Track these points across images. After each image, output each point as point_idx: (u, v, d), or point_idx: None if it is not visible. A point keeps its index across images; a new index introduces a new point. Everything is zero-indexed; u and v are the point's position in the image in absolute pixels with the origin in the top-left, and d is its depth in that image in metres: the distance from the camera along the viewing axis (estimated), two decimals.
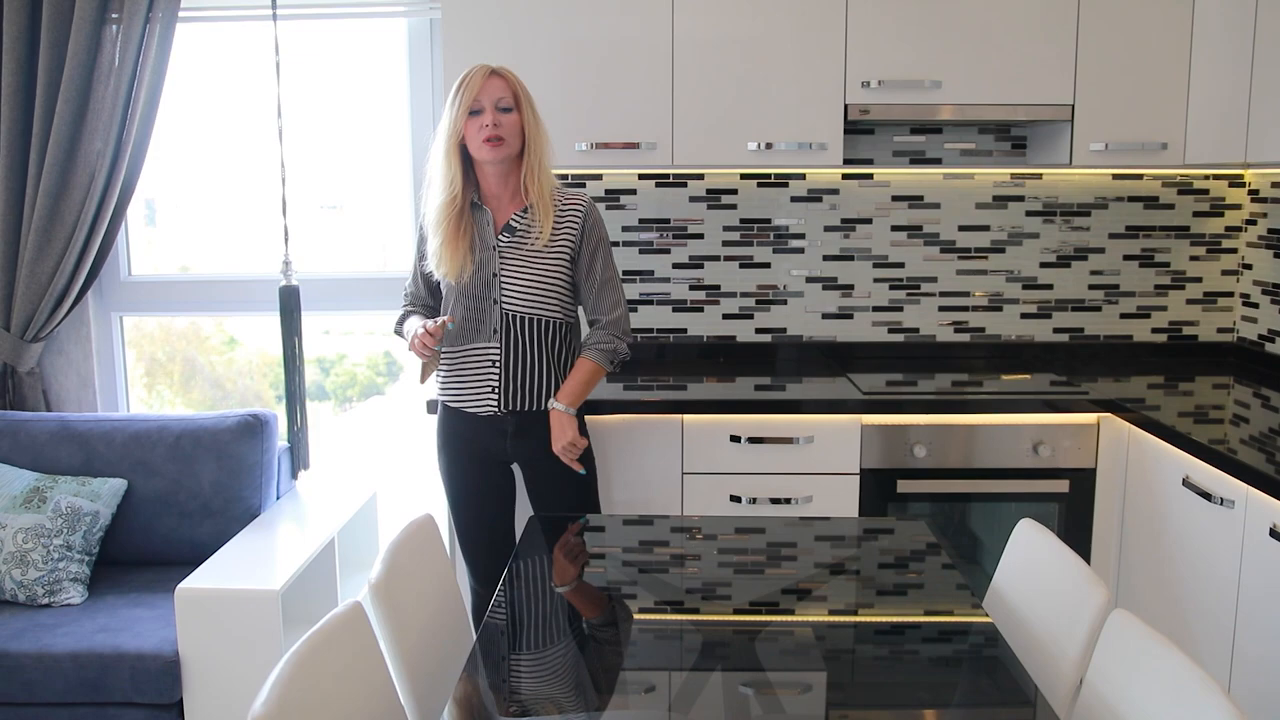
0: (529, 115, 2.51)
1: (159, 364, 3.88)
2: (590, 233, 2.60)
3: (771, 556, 2.24)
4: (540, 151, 2.53)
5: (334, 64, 3.50)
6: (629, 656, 1.77)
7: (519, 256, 2.56)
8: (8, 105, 3.24)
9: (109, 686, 2.65)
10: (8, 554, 2.90)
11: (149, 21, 3.20)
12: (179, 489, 3.14)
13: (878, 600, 2.03)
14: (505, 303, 2.56)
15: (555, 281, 2.57)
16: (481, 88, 2.47)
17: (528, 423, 2.61)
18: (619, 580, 2.14)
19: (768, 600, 2.00)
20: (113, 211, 3.34)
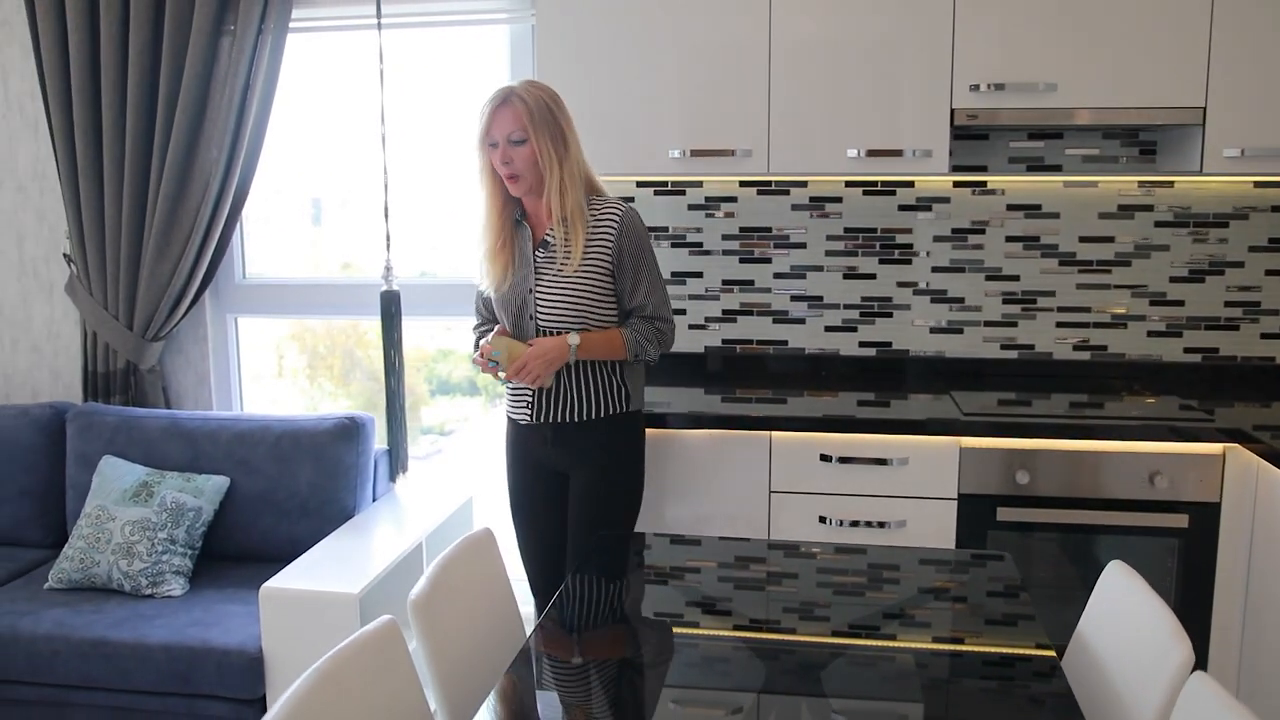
0: (543, 144, 2.43)
1: (320, 358, 4.00)
2: (627, 244, 2.51)
3: (873, 580, 2.13)
4: (561, 175, 2.45)
5: (437, 71, 3.53)
6: (721, 676, 1.72)
7: (553, 273, 2.52)
8: (132, 115, 3.38)
9: (197, 679, 2.72)
10: (115, 545, 3.02)
11: (261, 32, 3.30)
12: (278, 488, 3.22)
13: (985, 630, 1.90)
14: (539, 317, 2.53)
15: (589, 297, 2.51)
16: (491, 121, 2.45)
17: (565, 434, 2.58)
18: (713, 597, 2.07)
19: (867, 624, 1.92)
20: (226, 216, 3.45)
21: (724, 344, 3.43)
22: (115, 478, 3.18)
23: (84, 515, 3.12)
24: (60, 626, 2.81)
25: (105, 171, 3.44)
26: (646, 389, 3.16)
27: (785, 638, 1.88)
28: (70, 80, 3.41)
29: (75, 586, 3.04)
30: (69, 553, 3.06)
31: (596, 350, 2.52)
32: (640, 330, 2.56)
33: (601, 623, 2.01)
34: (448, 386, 3.99)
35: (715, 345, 3.43)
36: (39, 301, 3.75)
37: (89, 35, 3.38)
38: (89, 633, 2.78)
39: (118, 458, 3.27)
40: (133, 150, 3.41)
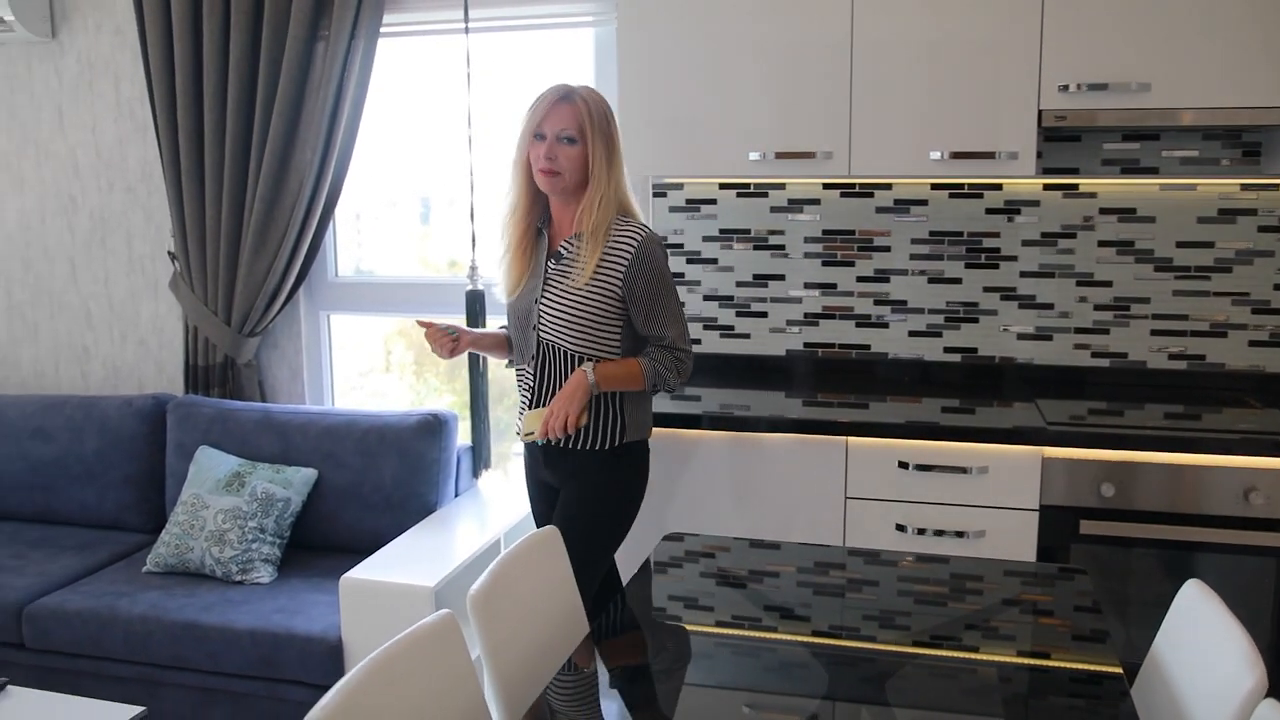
0: (596, 149, 2.39)
1: (427, 353, 4.08)
2: (641, 272, 2.41)
3: (955, 590, 2.10)
4: (604, 187, 2.40)
5: (525, 75, 3.57)
6: (798, 682, 1.72)
7: (561, 287, 2.46)
8: (232, 118, 3.51)
9: (280, 663, 2.81)
10: (209, 532, 3.14)
11: (353, 38, 3.38)
12: (363, 481, 3.30)
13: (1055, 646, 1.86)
14: (541, 329, 2.49)
15: (593, 317, 2.44)
16: (547, 114, 2.40)
17: (553, 457, 2.54)
18: (790, 602, 2.07)
19: (949, 634, 1.89)
20: (319, 216, 3.56)
21: (805, 348, 3.40)
22: (210, 467, 3.30)
23: (180, 503, 3.25)
24: (155, 609, 2.93)
25: (207, 173, 3.58)
26: (726, 390, 3.17)
27: (864, 645, 1.86)
28: (175, 85, 3.55)
29: (170, 571, 3.17)
30: (165, 538, 3.19)
31: (614, 382, 2.45)
32: (660, 360, 2.47)
33: (665, 625, 2.01)
34: None
35: (797, 349, 3.41)
36: (146, 297, 3.91)
37: (193, 42, 3.51)
38: (181, 615, 2.90)
39: (213, 448, 3.39)
40: (232, 152, 3.53)
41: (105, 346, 3.98)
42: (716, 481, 2.90)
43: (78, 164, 3.89)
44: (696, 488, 2.91)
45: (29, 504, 3.61)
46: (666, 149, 3.07)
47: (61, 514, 3.59)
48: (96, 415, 3.57)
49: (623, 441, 2.52)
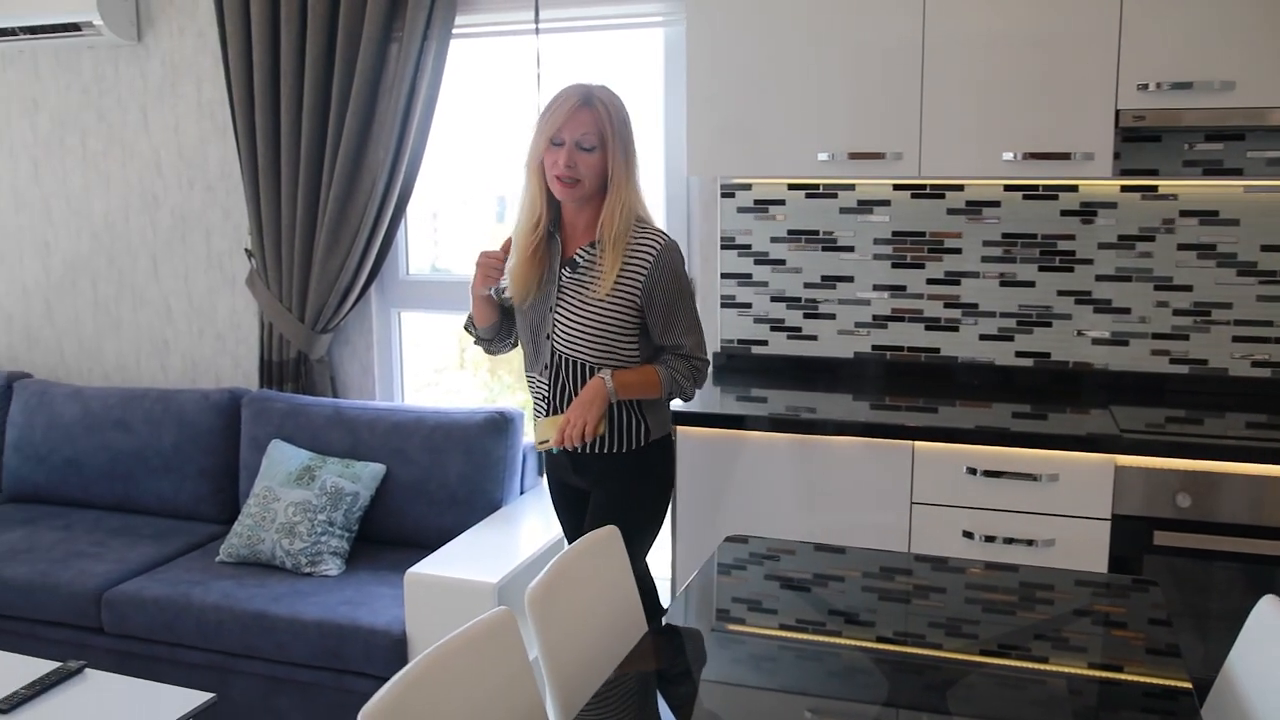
0: (615, 156, 2.34)
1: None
2: (660, 280, 2.39)
3: (1024, 598, 2.07)
4: (623, 194, 2.35)
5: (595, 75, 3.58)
6: (862, 689, 1.71)
7: (577, 297, 2.42)
8: (308, 119, 3.57)
9: (346, 655, 2.86)
10: (279, 525, 3.20)
11: (426, 39, 3.42)
12: (430, 478, 3.34)
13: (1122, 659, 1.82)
14: (556, 339, 2.45)
15: (611, 326, 2.41)
16: (566, 120, 2.32)
17: (583, 464, 2.53)
18: (854, 606, 2.05)
19: (1017, 644, 1.86)
20: (391, 215, 3.61)
21: (873, 350, 3.36)
22: (282, 461, 3.37)
23: (252, 495, 3.32)
24: (226, 598, 3.00)
25: (282, 172, 3.65)
26: (792, 392, 3.15)
27: (929, 652, 1.84)
28: (253, 87, 3.63)
29: (242, 561, 3.24)
30: (238, 529, 3.27)
31: (632, 390, 2.43)
32: (677, 368, 2.46)
33: (723, 628, 2.00)
34: None
35: (865, 351, 3.37)
36: (223, 293, 4.01)
37: (270, 45, 3.59)
38: (251, 605, 2.96)
39: (285, 442, 3.46)
40: (307, 152, 3.60)
41: (184, 340, 4.09)
42: (780, 484, 2.88)
43: (160, 163, 3.99)
44: (760, 490, 2.89)
45: (110, 493, 3.72)
46: (735, 150, 3.06)
47: (140, 503, 3.70)
48: (174, 408, 3.66)
49: (648, 441, 2.52)
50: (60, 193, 4.15)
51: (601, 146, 2.34)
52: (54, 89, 4.08)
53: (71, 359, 4.25)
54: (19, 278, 4.27)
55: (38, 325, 4.28)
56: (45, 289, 4.25)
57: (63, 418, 3.76)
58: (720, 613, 2.07)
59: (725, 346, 3.48)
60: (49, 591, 3.15)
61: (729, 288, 3.45)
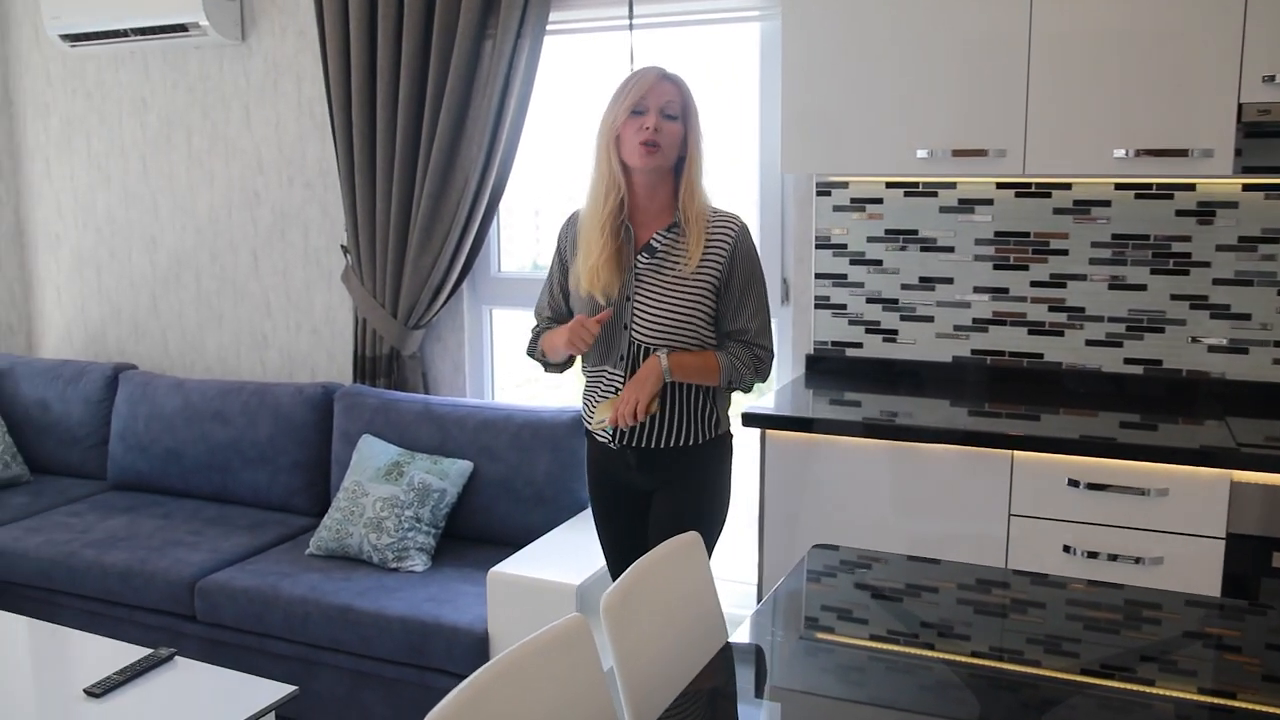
0: (694, 129, 2.34)
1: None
2: (740, 263, 2.37)
3: (1130, 618, 1.96)
4: (698, 170, 2.35)
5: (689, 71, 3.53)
6: (956, 705, 1.63)
7: (656, 282, 2.37)
8: (403, 116, 3.59)
9: (428, 652, 2.86)
10: (367, 519, 3.23)
11: (520, 36, 3.41)
12: (517, 475, 3.33)
13: (1262, 687, 1.70)
14: (635, 330, 2.38)
15: (693, 312, 2.36)
16: (651, 88, 2.31)
17: (650, 460, 2.45)
18: (948, 619, 1.97)
19: (1122, 665, 1.77)
20: (484, 212, 3.61)
21: (973, 354, 3.24)
22: (371, 456, 3.40)
23: (342, 489, 3.35)
24: (314, 591, 3.03)
25: (378, 169, 3.68)
26: (888, 397, 3.05)
27: (1026, 670, 1.75)
28: (350, 84, 3.67)
29: (331, 554, 3.28)
30: (327, 523, 3.30)
31: (689, 372, 2.37)
32: (739, 356, 2.40)
33: (811, 637, 1.93)
34: None
35: (964, 355, 3.25)
36: (320, 288, 4.06)
37: (368, 43, 3.62)
38: (337, 599, 2.98)
39: (375, 437, 3.49)
40: (402, 149, 3.62)
41: (282, 335, 4.16)
42: (871, 491, 2.78)
43: (261, 160, 4.07)
44: (850, 497, 2.80)
45: (208, 484, 3.80)
46: (830, 146, 2.97)
47: (236, 494, 3.77)
48: (270, 401, 3.72)
49: (718, 433, 2.48)
50: (167, 189, 4.26)
51: (683, 118, 2.34)
52: (162, 88, 4.19)
53: (175, 351, 4.37)
54: (128, 272, 4.40)
55: (144, 318, 4.41)
56: (151, 283, 4.36)
57: (164, 409, 3.86)
58: (809, 621, 2.00)
59: (818, 348, 3.40)
60: (146, 578, 3.22)
61: (823, 288, 3.37)
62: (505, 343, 3.99)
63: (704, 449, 2.46)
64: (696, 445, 2.45)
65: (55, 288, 4.57)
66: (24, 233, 4.59)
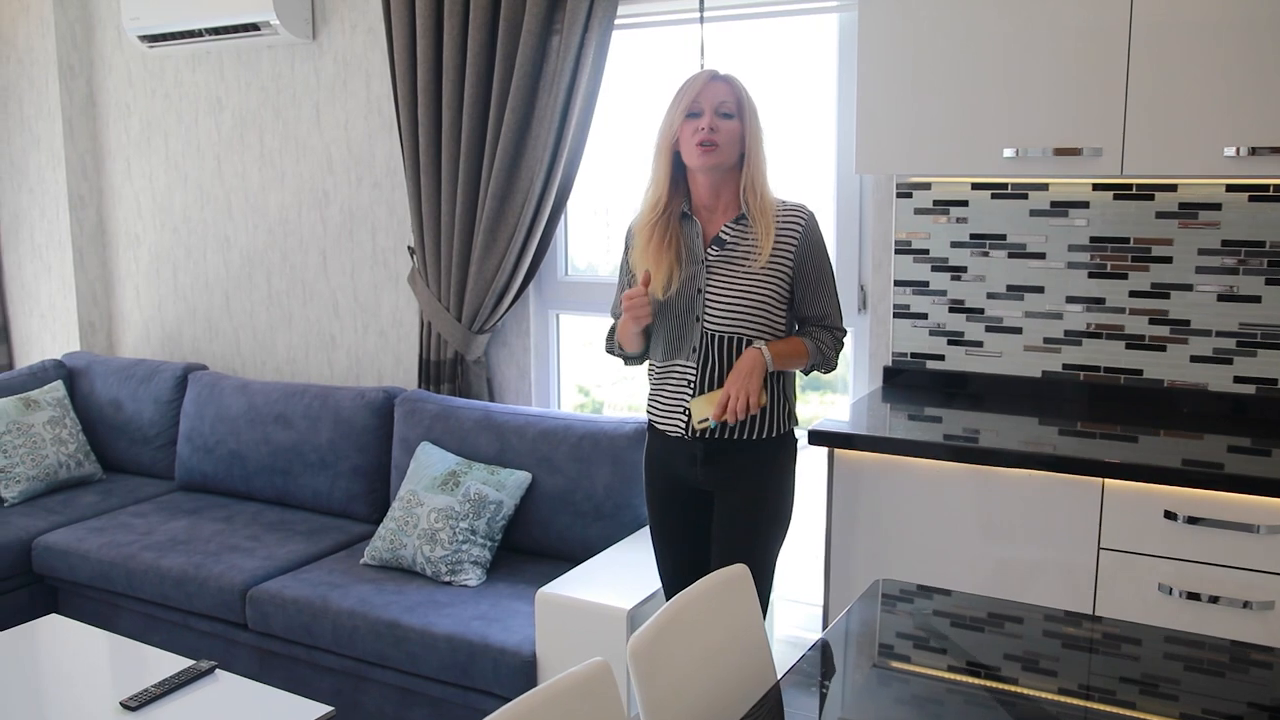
0: (751, 125, 2.35)
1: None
2: (811, 250, 2.39)
3: (1237, 661, 1.76)
4: (759, 164, 2.36)
5: (760, 64, 3.36)
6: None
7: (728, 272, 2.38)
8: (468, 114, 3.49)
9: (475, 673, 2.75)
10: (421, 530, 3.13)
11: (586, 30, 3.28)
12: (576, 488, 3.20)
13: None
14: (708, 321, 2.38)
15: (766, 302, 2.37)
16: (702, 90, 2.33)
17: (718, 452, 2.40)
18: (1034, 652, 1.79)
19: (1230, 713, 1.60)
20: (549, 214, 3.49)
21: (1065, 369, 3.00)
22: (428, 464, 3.30)
23: (398, 498, 3.27)
24: (362, 604, 2.94)
25: (443, 169, 3.59)
26: (970, 414, 2.85)
27: (1120, 711, 1.58)
28: (416, 82, 3.58)
29: (385, 565, 3.19)
30: (382, 532, 3.22)
31: (785, 360, 2.38)
32: (823, 340, 2.43)
33: (885, 665, 1.76)
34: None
35: (1055, 370, 3.01)
36: (387, 290, 4.00)
37: (434, 39, 3.53)
38: (385, 614, 2.89)
39: (434, 445, 3.40)
40: (467, 149, 3.52)
41: (350, 336, 4.11)
42: (947, 515, 2.58)
43: (331, 159, 4.02)
44: (924, 520, 2.60)
45: (269, 487, 3.76)
46: (910, 145, 2.77)
47: (297, 498, 3.72)
48: (332, 405, 3.66)
49: (788, 427, 2.47)
50: (240, 188, 4.24)
51: (739, 115, 2.36)
52: (236, 88, 4.18)
53: (247, 351, 4.35)
54: (203, 271, 4.40)
55: (218, 317, 4.41)
56: (225, 282, 4.36)
57: (229, 410, 3.83)
58: (884, 648, 1.84)
59: (896, 360, 3.19)
60: (199, 584, 3.18)
61: (903, 296, 3.16)
62: (573, 348, 3.87)
63: (771, 445, 2.44)
64: (766, 439, 2.42)
65: (134, 287, 4.61)
66: (105, 232, 4.63)
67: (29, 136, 4.57)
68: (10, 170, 4.67)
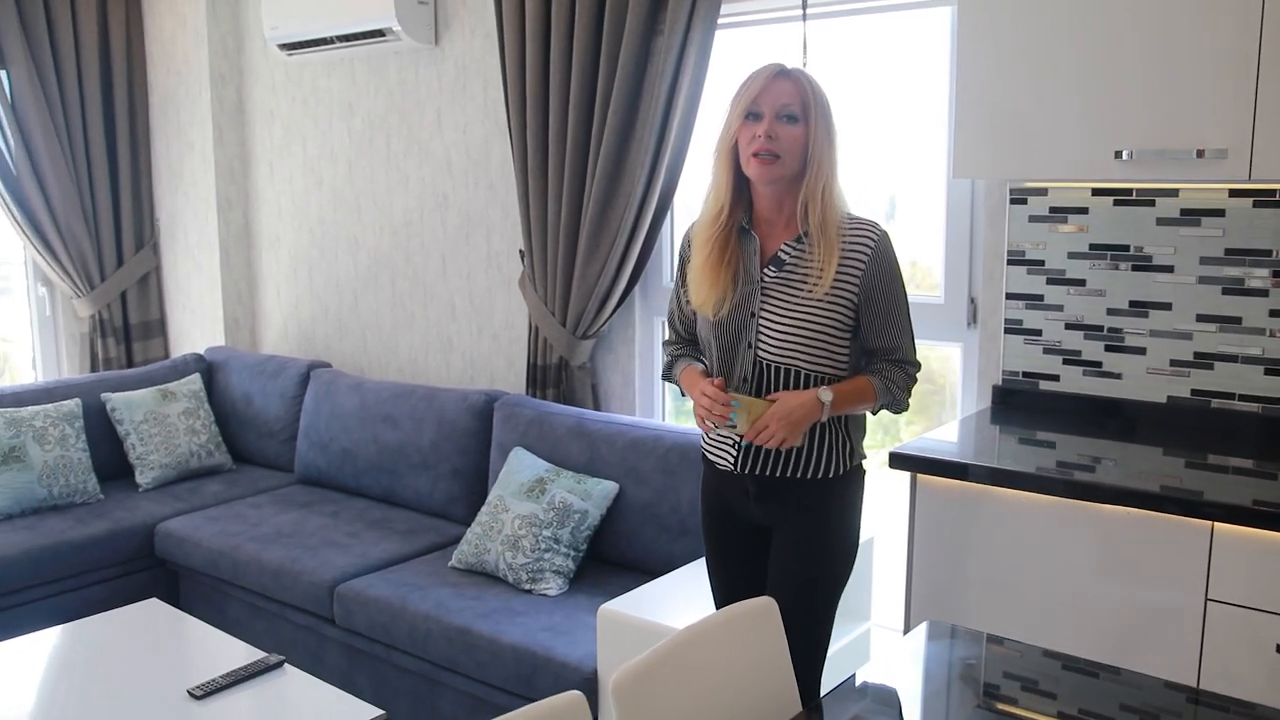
0: (819, 130, 2.05)
1: None
2: (881, 275, 2.11)
3: None
4: (827, 174, 2.06)
5: (866, 63, 3.18)
6: None
7: (785, 296, 2.12)
8: (573, 116, 3.45)
9: (538, 686, 2.70)
10: (505, 536, 3.11)
11: (689, 30, 3.18)
12: (661, 501, 3.11)
13: None
14: (761, 349, 2.14)
15: (826, 332, 2.11)
16: (764, 89, 2.05)
17: (771, 488, 2.17)
18: (1155, 705, 1.67)
19: None
20: (652, 218, 3.41)
21: (1193, 395, 2.71)
22: (519, 470, 3.28)
23: (487, 503, 3.26)
24: (438, 608, 2.94)
25: (549, 172, 3.57)
26: (1087, 440, 2.61)
27: None
28: (526, 85, 3.57)
29: (470, 569, 3.19)
30: (469, 536, 3.22)
31: (847, 405, 2.12)
32: (893, 378, 2.16)
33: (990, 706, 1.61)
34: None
35: (1182, 396, 2.72)
36: (500, 293, 4.01)
37: (542, 41, 3.51)
38: (458, 619, 2.88)
39: (527, 450, 3.37)
40: (572, 152, 3.49)
41: (465, 338, 4.14)
42: (1035, 549, 2.36)
43: (450, 163, 4.06)
44: (1011, 555, 2.39)
45: (376, 485, 3.83)
46: (1012, 147, 2.56)
47: (400, 498, 3.77)
48: (436, 406, 3.70)
49: (851, 465, 2.21)
50: (368, 191, 4.35)
51: (804, 119, 2.07)
52: (366, 93, 4.28)
53: (373, 351, 4.46)
54: (335, 271, 4.54)
55: (347, 317, 4.53)
56: (354, 282, 4.48)
57: (343, 408, 3.93)
58: (990, 688, 1.72)
59: (1007, 379, 2.96)
60: (293, 578, 3.26)
61: (1015, 310, 2.93)
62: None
63: (834, 482, 2.19)
64: (822, 479, 2.17)
65: (275, 286, 4.79)
66: (250, 233, 4.84)
67: (184, 142, 4.83)
68: (168, 174, 4.94)
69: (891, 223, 3.33)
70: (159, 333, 5.09)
